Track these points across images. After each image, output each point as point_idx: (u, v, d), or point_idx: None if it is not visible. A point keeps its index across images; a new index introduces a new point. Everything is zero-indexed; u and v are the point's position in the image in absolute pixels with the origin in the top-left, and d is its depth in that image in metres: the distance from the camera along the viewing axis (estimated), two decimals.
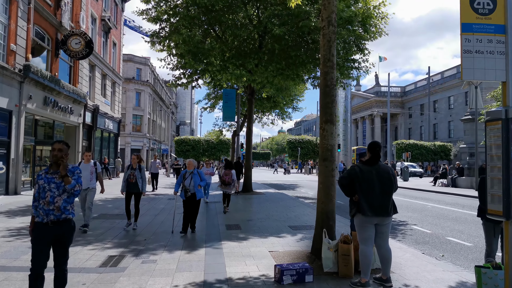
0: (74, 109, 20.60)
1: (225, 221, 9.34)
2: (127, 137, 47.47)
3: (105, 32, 26.95)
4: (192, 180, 7.71)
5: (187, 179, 7.74)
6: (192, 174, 7.75)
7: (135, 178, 8.19)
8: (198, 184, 7.71)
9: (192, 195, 7.70)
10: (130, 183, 8.23)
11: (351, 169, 4.51)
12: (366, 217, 4.31)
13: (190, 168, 7.86)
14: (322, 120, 5.55)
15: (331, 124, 5.48)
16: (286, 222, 9.22)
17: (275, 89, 18.53)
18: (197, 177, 7.76)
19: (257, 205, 12.78)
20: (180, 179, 7.90)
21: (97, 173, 8.39)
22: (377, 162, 4.55)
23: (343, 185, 4.49)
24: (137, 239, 7.29)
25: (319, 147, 5.60)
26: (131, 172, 8.25)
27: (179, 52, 13.15)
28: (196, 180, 7.71)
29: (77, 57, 19.02)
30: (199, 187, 7.76)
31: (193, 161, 8.15)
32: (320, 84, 5.69)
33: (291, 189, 21.81)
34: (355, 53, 14.07)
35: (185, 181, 7.75)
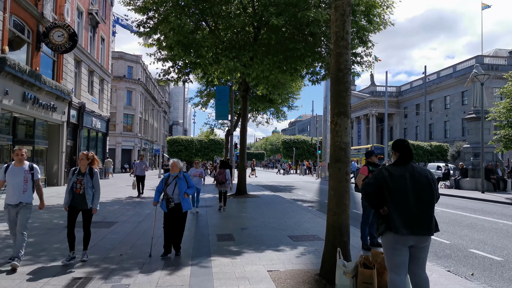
0: (58, 107, 19.39)
1: (216, 230, 8.27)
2: (118, 137, 46.15)
3: (93, 27, 25.74)
4: (176, 186, 6.00)
5: (170, 185, 6.03)
6: (176, 179, 6.06)
7: (83, 187, 5.62)
8: (185, 192, 6.02)
9: (176, 206, 5.97)
10: (76, 195, 5.66)
11: (378, 173, 3.47)
12: (400, 236, 3.27)
13: (175, 171, 6.11)
14: (334, 112, 4.51)
15: (345, 117, 4.45)
16: (285, 231, 8.18)
17: (271, 85, 17.50)
18: (183, 183, 6.06)
19: (252, 210, 11.73)
20: (161, 185, 6.16)
21: (34, 181, 5.70)
22: (409, 163, 3.53)
23: (368, 193, 3.44)
24: (111, 254, 6.20)
25: (330, 145, 4.57)
26: (77, 179, 5.67)
27: (168, 42, 12.05)
28: (182, 187, 6.01)
29: (59, 50, 17.84)
30: (186, 196, 6.04)
31: (178, 162, 6.22)
32: (331, 69, 4.66)
33: (287, 191, 20.79)
34: (357, 46, 13.10)
35: (167, 188, 6.02)
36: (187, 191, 6.11)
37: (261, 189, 20.46)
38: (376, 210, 3.48)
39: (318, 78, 14.91)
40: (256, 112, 27.31)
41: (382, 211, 3.41)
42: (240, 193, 16.07)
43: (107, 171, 28.05)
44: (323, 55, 13.03)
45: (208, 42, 12.09)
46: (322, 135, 44.40)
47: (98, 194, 5.86)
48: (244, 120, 16.74)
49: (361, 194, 3.61)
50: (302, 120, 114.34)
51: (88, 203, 5.68)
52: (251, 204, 13.25)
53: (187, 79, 14.05)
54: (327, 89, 42.15)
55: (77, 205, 5.73)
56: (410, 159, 3.56)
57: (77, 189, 5.65)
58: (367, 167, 6.73)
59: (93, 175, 5.77)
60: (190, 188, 6.17)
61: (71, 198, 5.70)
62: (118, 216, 10.10)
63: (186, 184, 6.12)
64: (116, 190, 18.41)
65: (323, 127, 44.33)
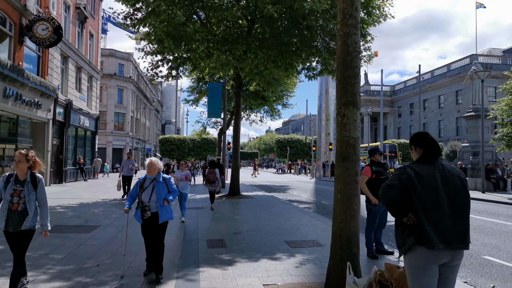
0: (42, 104, 18.54)
1: (207, 235, 7.60)
2: (109, 136, 45.22)
3: (81, 22, 24.88)
4: (154, 192, 4.83)
5: (146, 191, 4.85)
6: (154, 183, 4.89)
7: (23, 202, 3.97)
8: (164, 199, 4.84)
9: (153, 215, 4.79)
10: (13, 214, 3.94)
11: (402, 172, 2.81)
12: (434, 251, 2.63)
13: (152, 173, 4.91)
14: (341, 102, 3.89)
15: (354, 108, 3.83)
16: (282, 236, 7.54)
17: (264, 81, 16.85)
18: (163, 188, 4.90)
19: (246, 212, 11.07)
20: (134, 190, 5.02)
21: None
22: (437, 160, 2.91)
23: (392, 199, 2.75)
24: (87, 264, 5.52)
25: (337, 140, 3.95)
26: (14, 190, 3.96)
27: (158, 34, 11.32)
28: (161, 192, 4.85)
29: (44, 44, 16.99)
30: (166, 203, 4.84)
31: (157, 162, 4.99)
32: (337, 52, 4.03)
33: (282, 191, 20.17)
34: None
35: (142, 194, 4.85)
36: (168, 197, 4.88)
37: (255, 189, 19.82)
38: (398, 218, 2.83)
39: (315, 73, 14.30)
40: (249, 110, 26.63)
41: (407, 220, 2.77)
42: (233, 194, 15.41)
43: (96, 171, 27.20)
44: (320, 50, 12.41)
45: (200, 35, 11.41)
46: (317, 134, 43.93)
47: (46, 210, 4.22)
48: (237, 117, 16.06)
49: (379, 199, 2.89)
50: (296, 120, 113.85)
51: (29, 223, 3.98)
52: (244, 206, 12.60)
53: (177, 75, 13.33)
54: (321, 88, 41.71)
55: (13, 228, 3.94)
56: (437, 155, 2.93)
57: (13, 205, 3.92)
58: (370, 167, 6.12)
59: (37, 184, 4.09)
60: (171, 194, 4.97)
61: (5, 218, 3.91)
62: (101, 220, 9.39)
63: (166, 188, 4.94)
64: (104, 191, 17.66)
65: (318, 126, 43.87)
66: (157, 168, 4.98)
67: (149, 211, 4.80)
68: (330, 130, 40.57)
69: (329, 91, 40.68)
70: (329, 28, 12.60)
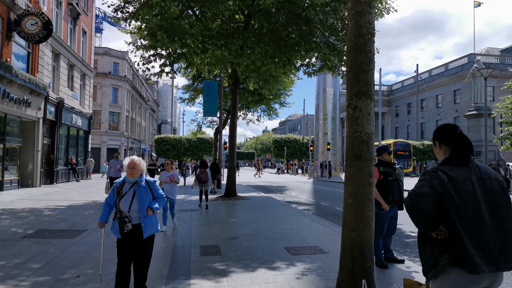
0: (32, 102, 17.93)
1: (200, 240, 7.06)
2: (103, 136, 44.54)
3: (73, 18, 24.25)
4: (135, 198, 3.92)
5: (126, 197, 3.93)
6: (135, 188, 3.97)
7: None
8: (148, 207, 3.94)
9: (134, 228, 3.87)
10: None
11: (433, 177, 2.28)
12: (475, 275, 2.12)
13: (134, 175, 3.98)
14: (352, 92, 3.37)
15: (367, 99, 3.31)
16: (281, 241, 7.01)
17: (262, 79, 16.33)
18: (146, 193, 3.99)
19: (242, 215, 10.54)
20: (111, 197, 4.05)
21: None
22: (471, 160, 2.40)
23: (424, 211, 2.19)
24: (66, 275, 4.97)
25: (347, 137, 3.44)
26: None
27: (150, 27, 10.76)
28: (144, 199, 3.95)
29: (33, 40, 16.40)
30: (150, 213, 3.93)
31: (139, 162, 4.05)
32: (348, 35, 3.52)
33: (280, 192, 19.66)
34: None
35: (121, 201, 3.91)
36: (152, 205, 3.98)
37: (251, 190, 19.30)
38: (427, 232, 2.30)
39: (314, 70, 13.79)
40: (246, 109, 26.07)
41: (437, 234, 2.25)
42: (229, 195, 14.87)
43: (88, 172, 26.56)
44: (319, 45, 11.90)
45: (194, 30, 10.86)
46: (314, 134, 43.46)
47: None
48: (233, 116, 15.51)
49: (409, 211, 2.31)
50: (293, 120, 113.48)
51: None
52: (241, 208, 12.07)
53: (171, 71, 12.76)
54: (319, 87, 41.23)
55: None
56: (470, 154, 2.42)
57: None
58: (377, 168, 5.59)
59: None
60: (157, 201, 4.07)
61: None
62: (88, 223, 8.82)
63: (150, 194, 4.02)
64: (96, 192, 17.06)
65: (315, 126, 43.40)
66: (139, 170, 4.01)
67: (130, 222, 3.81)
68: (327, 130, 40.12)
69: (326, 90, 40.21)
70: (329, 23, 12.11)
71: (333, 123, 40.38)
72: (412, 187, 2.36)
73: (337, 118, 41.06)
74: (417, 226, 2.30)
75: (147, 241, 3.97)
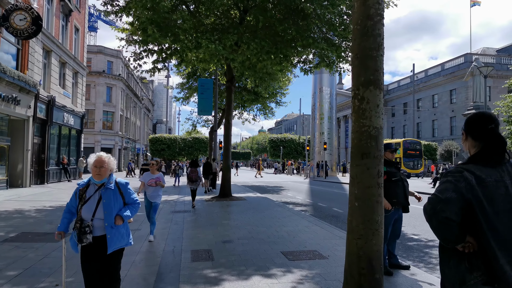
0: (21, 100, 17.44)
1: (191, 244, 6.65)
2: (97, 135, 43.96)
3: (65, 15, 23.73)
4: (101, 204, 3.21)
5: (89, 203, 3.22)
6: (101, 191, 3.25)
7: None
8: (117, 215, 3.24)
9: (96, 240, 3.17)
10: None
11: (458, 178, 1.88)
12: None
13: (102, 176, 3.27)
14: (359, 81, 3.00)
15: (376, 89, 2.95)
16: (278, 245, 6.63)
17: (257, 77, 15.96)
18: (115, 198, 3.29)
19: (237, 216, 10.15)
20: (72, 202, 3.34)
21: None
22: (504, 158, 2.02)
23: (448, 221, 1.81)
24: (44, 283, 4.58)
25: (352, 132, 3.07)
26: None
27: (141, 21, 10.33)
28: (112, 205, 3.24)
29: (22, 36, 15.91)
30: (120, 222, 3.23)
31: (108, 159, 3.36)
32: (353, 17, 3.15)
33: (276, 192, 19.28)
34: None
35: (83, 208, 3.20)
36: (122, 212, 3.26)
37: (247, 190, 18.91)
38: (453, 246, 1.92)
39: (311, 67, 13.42)
40: (242, 108, 25.69)
41: (464, 248, 1.88)
42: (224, 195, 14.46)
43: (80, 172, 26.05)
44: (317, 40, 11.53)
45: (187, 24, 10.45)
46: (310, 134, 43.16)
47: None
48: (228, 114, 15.10)
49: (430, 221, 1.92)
50: (289, 119, 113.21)
51: None
52: (236, 209, 11.68)
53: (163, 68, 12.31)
54: (315, 86, 40.91)
55: None
56: (503, 152, 2.04)
57: None
58: None
59: None
60: (128, 208, 3.35)
61: None
62: None
63: (120, 199, 3.31)
64: None
65: (311, 125, 43.10)
66: (109, 169, 3.31)
67: (91, 233, 3.08)
68: (324, 130, 39.83)
69: (323, 89, 39.92)
70: (327, 18, 11.76)
71: (330, 122, 40.11)
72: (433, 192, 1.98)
73: (334, 117, 40.81)
74: (440, 239, 1.92)
75: (112, 257, 3.20)
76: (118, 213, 3.27)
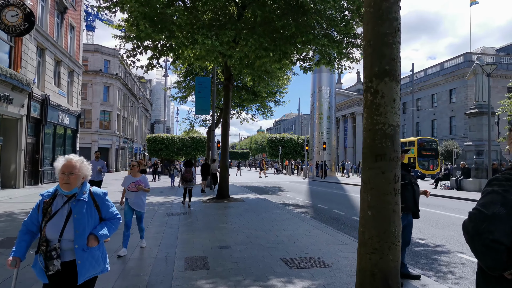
0: (14, 98, 17.01)
1: (186, 250, 6.26)
2: (94, 135, 43.50)
3: (60, 12, 23.30)
4: (71, 220, 2.52)
5: (56, 218, 2.51)
6: (72, 204, 2.56)
7: None
8: (91, 234, 2.55)
9: (65, 267, 2.45)
10: None
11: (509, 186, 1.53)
12: None
13: (71, 185, 2.56)
14: (372, 72, 2.63)
15: (393, 81, 2.58)
16: (277, 251, 6.25)
17: (256, 75, 15.56)
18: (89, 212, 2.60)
19: (235, 219, 9.76)
20: (33, 218, 2.59)
21: None
22: None
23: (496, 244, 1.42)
24: None
25: (364, 130, 2.70)
26: None
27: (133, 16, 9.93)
28: (84, 221, 2.55)
29: (14, 32, 15.46)
30: (94, 243, 2.54)
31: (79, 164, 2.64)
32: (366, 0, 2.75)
33: (275, 193, 18.90)
34: (358, 26, 11.28)
35: (47, 226, 2.48)
36: (97, 231, 2.59)
37: (245, 191, 18.53)
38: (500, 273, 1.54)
39: (311, 64, 13.04)
40: (240, 107, 25.28)
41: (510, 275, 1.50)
42: (221, 197, 14.07)
43: None
44: (317, 36, 11.15)
45: (181, 18, 10.05)
46: (309, 133, 42.78)
47: None
48: (226, 113, 14.70)
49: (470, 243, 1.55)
50: (287, 119, 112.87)
51: None
52: (233, 211, 11.29)
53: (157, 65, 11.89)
54: (314, 85, 40.52)
55: None
56: None
57: None
58: None
59: None
60: (106, 224, 2.69)
61: None
62: None
63: (96, 214, 2.65)
64: None
65: (310, 125, 42.73)
66: (81, 176, 2.62)
67: (58, 258, 2.41)
68: (323, 129, 39.45)
69: (322, 89, 39.55)
70: (328, 14, 11.39)
71: (329, 122, 39.75)
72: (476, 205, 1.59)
73: (333, 117, 40.45)
74: (484, 265, 1.53)
75: (86, 286, 2.55)
76: (92, 231, 2.56)
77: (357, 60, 12.20)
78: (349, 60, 12.12)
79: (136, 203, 6.20)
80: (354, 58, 12.18)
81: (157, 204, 12.66)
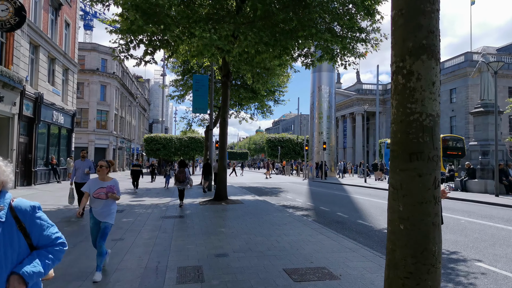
0: (5, 96, 16.43)
1: (179, 259, 5.71)
2: (91, 135, 42.91)
3: (55, 9, 22.73)
4: None
5: None
6: None
7: None
8: (13, 274, 1.67)
9: None
10: None
11: None
12: None
13: None
14: (405, 48, 2.08)
15: (431, 59, 2.04)
16: (279, 259, 5.71)
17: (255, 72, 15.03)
18: (10, 239, 1.74)
19: (233, 223, 9.22)
20: None
21: None
22: None
23: None
24: None
25: (393, 122, 2.17)
26: None
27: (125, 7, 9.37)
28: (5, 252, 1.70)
29: (4, 28, 14.88)
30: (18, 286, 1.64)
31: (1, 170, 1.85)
32: None
33: (274, 194, 18.36)
34: (363, 19, 10.76)
35: None
36: (22, 269, 1.70)
37: (244, 192, 17.98)
38: None
39: (313, 60, 12.50)
40: (239, 106, 24.75)
41: None
42: (219, 198, 13.52)
43: (68, 172, 25.02)
44: (320, 30, 10.61)
45: (175, 10, 9.50)
46: (309, 133, 42.24)
47: None
48: (224, 111, 14.14)
49: None
50: (287, 119, 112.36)
51: None
52: (232, 214, 10.74)
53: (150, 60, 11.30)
54: (314, 85, 39.98)
55: None
56: None
57: None
58: None
59: None
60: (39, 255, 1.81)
61: None
62: None
63: (22, 240, 1.79)
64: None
65: (310, 125, 42.19)
66: None
67: None
68: (323, 129, 38.92)
69: (322, 88, 39.03)
70: (331, 8, 10.86)
71: (329, 122, 39.24)
72: None
73: (333, 117, 39.94)
74: None
75: None
76: (14, 269, 1.70)
77: (362, 55, 11.65)
78: (354, 55, 11.57)
79: (104, 212, 4.81)
80: (360, 54, 11.62)
81: (151, 207, 12.12)
